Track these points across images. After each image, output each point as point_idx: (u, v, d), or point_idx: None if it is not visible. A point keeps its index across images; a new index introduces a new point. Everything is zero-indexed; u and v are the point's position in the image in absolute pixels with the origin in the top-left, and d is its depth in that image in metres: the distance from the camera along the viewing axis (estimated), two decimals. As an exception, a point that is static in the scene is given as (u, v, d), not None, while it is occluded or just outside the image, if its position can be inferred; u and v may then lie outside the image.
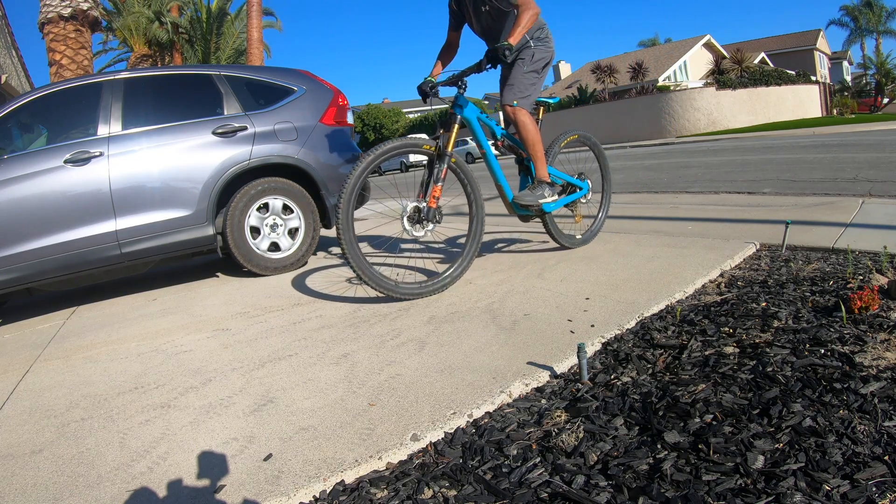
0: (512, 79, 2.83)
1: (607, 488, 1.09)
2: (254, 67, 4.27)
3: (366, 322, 2.29)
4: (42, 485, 1.35)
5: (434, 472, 1.22)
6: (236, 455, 1.35)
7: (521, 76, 2.82)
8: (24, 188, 2.99)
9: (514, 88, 2.81)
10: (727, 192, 4.75)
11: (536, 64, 2.85)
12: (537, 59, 2.85)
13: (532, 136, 2.81)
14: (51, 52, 9.40)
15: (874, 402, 1.22)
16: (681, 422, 1.26)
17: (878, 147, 7.85)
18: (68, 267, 3.09)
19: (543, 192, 2.81)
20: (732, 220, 3.52)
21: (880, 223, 2.92)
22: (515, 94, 2.80)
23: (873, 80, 37.82)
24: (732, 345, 1.62)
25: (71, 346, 2.56)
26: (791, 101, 23.29)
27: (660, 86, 26.84)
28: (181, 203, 3.26)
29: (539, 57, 2.86)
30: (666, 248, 2.87)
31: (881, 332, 1.56)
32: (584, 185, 3.19)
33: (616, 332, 1.85)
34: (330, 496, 1.19)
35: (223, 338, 2.34)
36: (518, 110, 2.80)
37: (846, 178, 4.92)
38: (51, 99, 3.29)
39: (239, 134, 3.42)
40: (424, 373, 1.69)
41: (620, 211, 4.39)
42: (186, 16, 18.31)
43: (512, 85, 2.82)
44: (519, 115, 2.80)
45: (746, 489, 1.02)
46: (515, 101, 2.79)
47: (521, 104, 2.80)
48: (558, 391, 1.53)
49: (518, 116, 2.80)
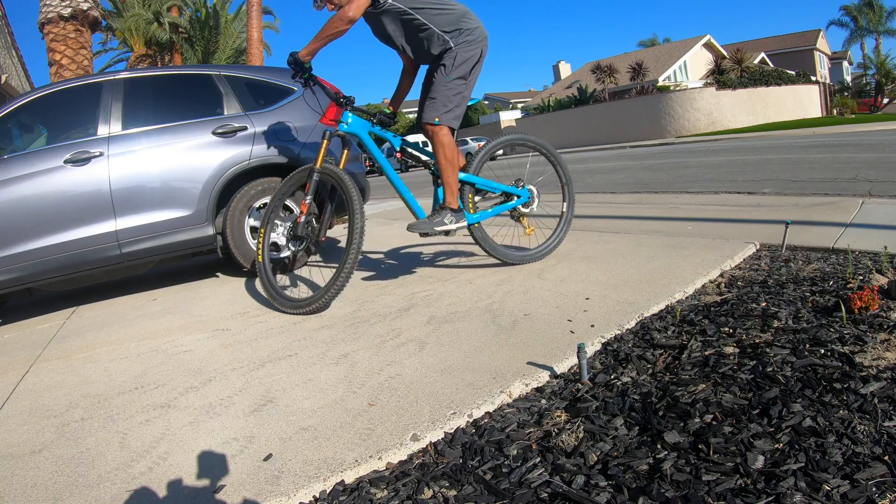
0: (434, 90, 2.52)
1: (607, 488, 1.09)
2: (254, 67, 4.27)
3: (366, 322, 2.29)
4: (42, 485, 1.35)
5: (434, 472, 1.22)
6: (236, 455, 1.35)
7: (443, 86, 2.50)
8: (25, 188, 2.98)
9: (437, 103, 2.50)
10: (727, 192, 4.75)
11: (461, 68, 2.51)
12: (461, 62, 2.50)
13: (448, 158, 2.55)
14: (51, 52, 9.40)
15: (874, 402, 1.22)
16: (681, 422, 1.26)
17: (878, 147, 7.85)
18: (68, 267, 3.09)
19: (444, 220, 2.57)
20: (732, 220, 3.52)
21: (880, 223, 2.92)
22: (438, 110, 2.50)
23: (873, 80, 37.81)
24: (732, 345, 1.62)
25: (71, 346, 2.56)
26: (791, 101, 23.30)
27: (660, 86, 26.83)
28: (181, 203, 3.26)
29: (463, 58, 2.51)
30: (666, 248, 2.87)
31: (881, 332, 1.56)
32: (523, 192, 2.92)
33: (616, 332, 1.85)
34: (330, 496, 1.19)
35: (223, 338, 2.34)
36: (439, 130, 2.51)
37: (846, 178, 4.93)
38: (51, 99, 3.29)
39: (239, 134, 3.42)
40: (424, 373, 1.69)
41: (620, 211, 4.39)
42: (186, 16, 18.31)
43: (434, 99, 2.51)
44: (439, 136, 2.51)
45: (746, 489, 1.02)
46: (437, 118, 2.50)
47: (444, 121, 2.51)
48: (558, 391, 1.53)
49: (438, 137, 2.52)
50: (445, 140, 2.53)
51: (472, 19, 2.55)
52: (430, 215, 2.65)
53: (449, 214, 2.60)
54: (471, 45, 2.52)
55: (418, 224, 2.59)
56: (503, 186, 2.90)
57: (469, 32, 2.52)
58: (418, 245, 3.80)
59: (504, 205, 2.91)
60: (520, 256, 2.91)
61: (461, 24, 2.51)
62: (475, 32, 2.54)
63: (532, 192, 2.96)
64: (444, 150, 2.53)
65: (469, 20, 2.54)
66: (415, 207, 2.77)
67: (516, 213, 2.95)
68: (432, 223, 2.57)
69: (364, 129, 2.67)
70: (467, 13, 2.56)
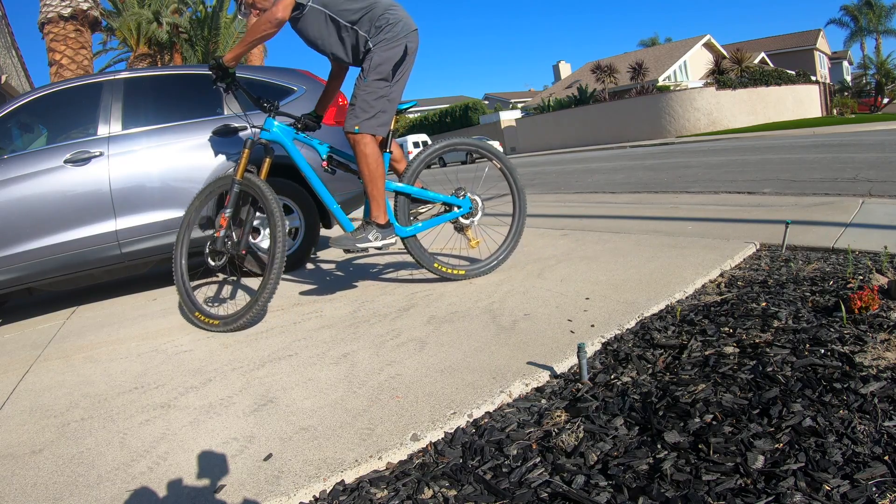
0: (353, 96, 2.35)
1: (607, 488, 1.09)
2: (253, 67, 4.27)
3: (366, 322, 2.29)
4: (42, 485, 1.35)
5: (434, 472, 1.22)
6: (236, 455, 1.35)
7: (361, 90, 2.33)
8: (25, 188, 2.99)
9: (356, 109, 2.33)
10: (727, 192, 4.75)
11: (380, 69, 2.32)
12: (379, 63, 2.31)
13: (371, 170, 2.37)
14: (51, 52, 9.41)
15: (874, 402, 1.22)
16: (681, 422, 1.26)
17: (878, 147, 7.85)
18: (68, 267, 3.09)
19: (368, 236, 2.43)
20: (732, 220, 3.52)
21: (880, 223, 2.92)
22: (357, 117, 2.32)
23: (873, 80, 37.83)
24: (732, 345, 1.62)
25: (71, 346, 2.56)
26: (791, 101, 23.32)
27: (660, 86, 26.85)
28: (181, 203, 3.26)
29: (381, 59, 2.31)
30: (666, 248, 2.87)
31: (881, 332, 1.56)
32: (464, 202, 2.73)
33: (616, 332, 1.85)
34: (330, 496, 1.19)
35: (223, 338, 2.34)
36: (360, 139, 2.33)
37: (846, 178, 4.93)
38: (51, 99, 3.29)
39: (239, 134, 3.42)
40: (424, 373, 1.69)
41: (620, 211, 4.39)
42: (186, 16, 18.30)
43: (353, 106, 2.34)
44: (359, 146, 2.34)
45: (746, 489, 1.02)
46: (357, 126, 2.32)
47: (364, 129, 2.32)
48: (558, 391, 1.53)
49: (358, 147, 2.35)
50: (367, 150, 2.35)
51: (394, 13, 2.36)
52: (355, 230, 2.50)
53: (374, 230, 2.45)
54: (391, 42, 2.32)
55: (340, 239, 2.47)
56: (442, 196, 2.71)
57: (389, 29, 2.32)
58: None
59: (442, 216, 2.73)
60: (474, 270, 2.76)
61: (381, 21, 2.33)
62: (397, 27, 2.33)
63: (475, 203, 2.76)
64: (365, 160, 2.36)
65: (391, 14, 2.35)
66: (342, 220, 2.61)
67: (458, 224, 2.76)
68: (354, 239, 2.43)
69: (289, 136, 2.56)
70: (390, 7, 2.37)
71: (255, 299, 2.34)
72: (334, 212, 2.60)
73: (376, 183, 2.41)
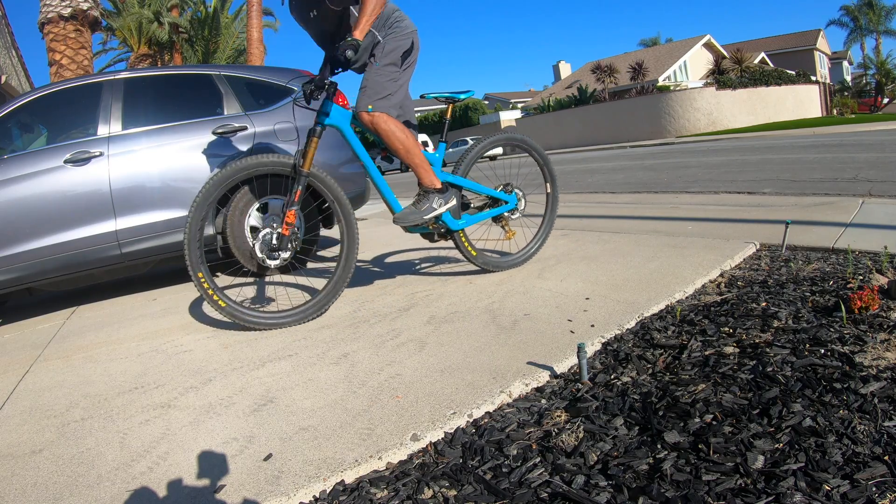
0: (365, 80, 2.36)
1: (607, 488, 1.09)
2: (254, 67, 4.27)
3: (366, 322, 2.29)
4: (42, 485, 1.35)
5: (434, 472, 1.22)
6: (236, 455, 1.35)
7: (374, 75, 2.34)
8: (25, 188, 2.99)
9: (368, 91, 2.33)
10: (727, 192, 4.75)
11: (391, 55, 2.36)
12: (390, 51, 2.36)
13: (400, 143, 2.35)
14: (51, 52, 9.40)
15: (874, 402, 1.22)
16: (681, 422, 1.26)
17: (878, 147, 7.85)
18: (68, 267, 3.09)
19: (431, 205, 2.37)
20: (732, 220, 3.52)
21: (880, 223, 2.92)
22: (370, 98, 2.31)
23: (873, 80, 37.85)
24: (732, 345, 1.62)
25: (71, 346, 2.56)
26: (791, 101, 23.32)
27: (660, 86, 26.86)
28: (181, 203, 3.26)
29: (392, 47, 2.36)
30: (666, 248, 2.87)
31: (881, 332, 1.56)
32: (511, 198, 2.79)
33: (616, 332, 1.85)
34: (330, 496, 1.19)
35: (223, 338, 2.34)
36: (376, 117, 2.31)
37: (846, 178, 4.93)
38: (51, 99, 3.29)
39: (239, 134, 3.42)
40: (424, 373, 1.69)
41: (620, 211, 4.39)
42: (186, 16, 18.31)
43: (365, 87, 2.34)
44: (378, 123, 2.32)
45: (746, 489, 1.02)
46: (370, 105, 2.30)
47: (378, 107, 2.31)
48: (558, 391, 1.53)
49: (377, 125, 2.32)
50: (391, 125, 2.32)
51: (401, 14, 2.45)
52: (415, 202, 2.43)
53: (436, 197, 2.40)
54: (399, 34, 2.38)
55: (405, 216, 2.39)
56: (491, 191, 2.77)
57: (397, 25, 2.39)
58: (418, 245, 3.80)
59: (490, 210, 2.78)
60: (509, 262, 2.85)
61: (391, 21, 2.40)
62: (404, 23, 2.41)
63: (519, 199, 2.85)
64: (393, 135, 2.33)
65: (399, 14, 2.43)
66: (393, 203, 2.53)
67: (500, 217, 2.84)
68: (419, 211, 2.38)
69: (346, 120, 2.41)
70: (397, 10, 2.44)
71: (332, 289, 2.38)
72: (387, 196, 2.53)
73: (414, 151, 2.39)
